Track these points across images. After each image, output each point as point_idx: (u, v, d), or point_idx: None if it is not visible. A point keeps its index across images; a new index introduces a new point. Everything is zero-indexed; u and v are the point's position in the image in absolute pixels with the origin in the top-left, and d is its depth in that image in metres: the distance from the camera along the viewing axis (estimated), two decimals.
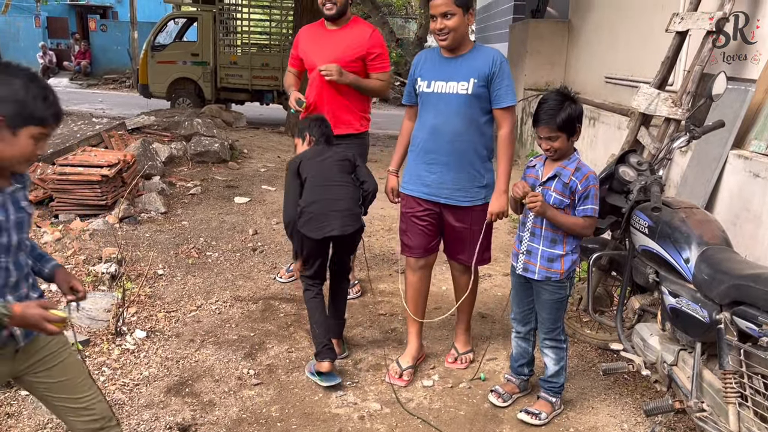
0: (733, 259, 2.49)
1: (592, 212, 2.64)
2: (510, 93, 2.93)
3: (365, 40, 3.73)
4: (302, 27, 4.06)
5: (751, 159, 3.44)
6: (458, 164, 3.01)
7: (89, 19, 22.84)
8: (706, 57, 4.14)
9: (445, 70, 2.99)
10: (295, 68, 4.00)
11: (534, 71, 9.60)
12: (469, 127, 2.98)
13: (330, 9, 3.67)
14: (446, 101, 2.98)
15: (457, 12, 2.85)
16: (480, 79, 2.91)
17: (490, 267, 4.87)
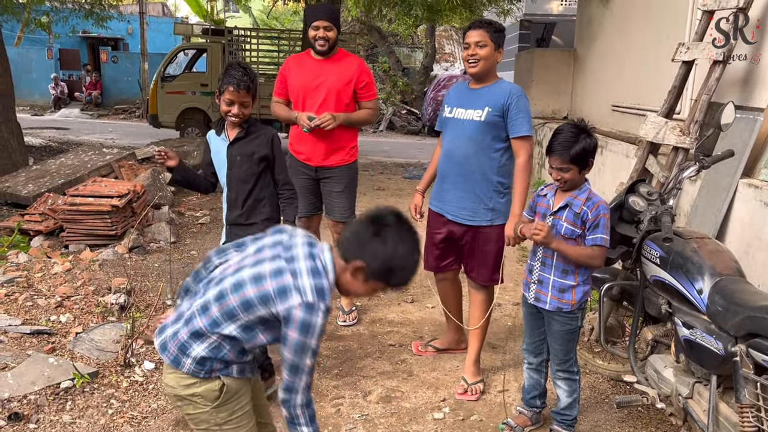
0: (748, 290, 2.47)
1: (602, 241, 2.63)
2: (525, 123, 3.12)
3: (354, 70, 3.88)
4: (289, 57, 4.16)
5: (761, 188, 3.43)
6: (465, 185, 3.23)
7: (101, 50, 23.23)
8: (713, 86, 4.16)
9: (467, 98, 3.25)
10: (282, 98, 4.02)
11: (540, 100, 9.67)
12: (477, 152, 3.18)
13: (323, 45, 3.79)
14: (461, 126, 3.23)
15: (489, 44, 3.14)
16: (495, 108, 3.12)
17: (500, 297, 4.85)
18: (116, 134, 15.57)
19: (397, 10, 8.95)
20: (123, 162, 7.30)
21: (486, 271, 3.35)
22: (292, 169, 4.00)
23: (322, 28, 3.75)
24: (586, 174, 2.69)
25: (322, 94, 3.83)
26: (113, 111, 21.32)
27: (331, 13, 3.83)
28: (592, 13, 8.48)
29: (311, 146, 3.91)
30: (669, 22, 5.88)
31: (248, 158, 2.98)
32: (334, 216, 4.06)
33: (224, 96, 2.88)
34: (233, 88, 2.85)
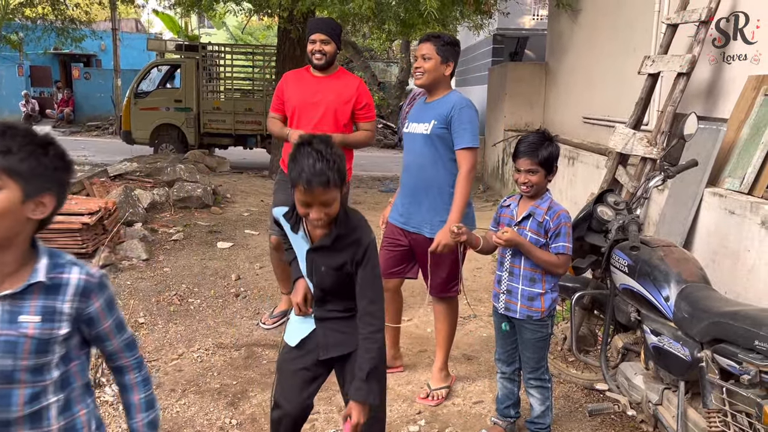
0: (712, 296, 2.52)
1: (564, 249, 2.66)
2: (466, 136, 3.11)
3: (354, 89, 3.83)
4: (287, 72, 4.09)
5: (726, 196, 3.51)
6: (420, 198, 3.28)
7: (73, 67, 22.99)
8: (678, 98, 4.25)
9: (420, 112, 3.31)
10: (279, 113, 3.98)
11: (513, 112, 9.79)
12: (429, 165, 3.23)
13: (320, 59, 3.74)
14: (413, 140, 3.30)
15: (434, 57, 3.17)
16: (439, 121, 3.17)
17: (475, 308, 4.87)
18: (89, 151, 15.37)
19: (370, 24, 9.01)
20: (94, 179, 7.21)
21: (442, 283, 3.37)
22: (280, 185, 4.02)
23: (319, 41, 3.70)
24: (550, 180, 2.73)
25: (319, 111, 3.77)
26: (86, 128, 21.07)
27: (330, 26, 3.78)
28: (562, 27, 8.62)
29: None
30: (636, 35, 6.01)
31: (335, 271, 2.17)
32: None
33: (296, 194, 2.04)
34: (304, 188, 1.98)
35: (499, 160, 10.22)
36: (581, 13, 7.84)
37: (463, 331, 4.43)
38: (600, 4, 7.20)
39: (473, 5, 9.00)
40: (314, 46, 3.72)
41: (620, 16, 6.52)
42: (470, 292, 5.22)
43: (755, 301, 3.16)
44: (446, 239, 3.10)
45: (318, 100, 3.77)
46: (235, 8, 8.91)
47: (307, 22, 3.95)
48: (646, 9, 5.69)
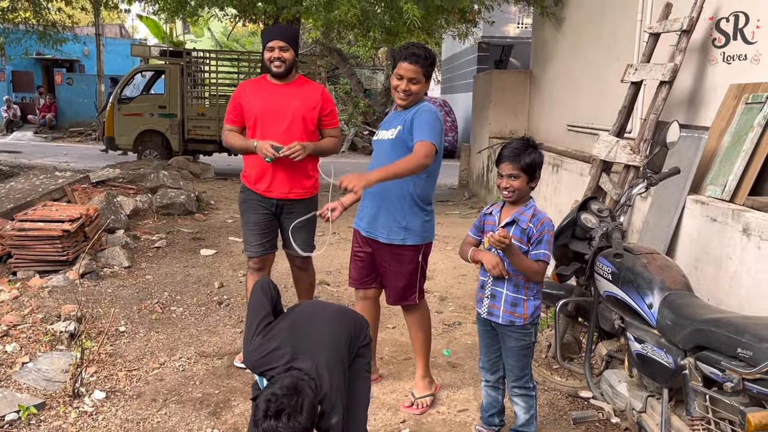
0: (695, 303, 2.52)
1: (545, 257, 2.66)
2: (424, 131, 2.99)
3: (318, 96, 3.73)
4: (243, 82, 3.95)
5: (708, 204, 3.53)
6: (380, 202, 3.24)
7: (55, 72, 22.77)
8: (661, 106, 4.28)
9: (389, 121, 3.33)
10: (237, 125, 3.76)
11: (498, 120, 9.83)
12: None
13: (279, 67, 3.60)
14: (380, 146, 3.30)
15: (421, 81, 3.15)
16: (404, 126, 3.17)
17: (460, 315, 4.86)
18: (71, 157, 15.23)
19: (355, 32, 9.01)
20: (76, 185, 7.13)
21: (398, 291, 3.33)
22: (248, 204, 3.80)
23: (278, 48, 3.57)
24: (532, 188, 2.73)
25: (286, 119, 3.61)
26: (68, 134, 20.86)
27: (287, 32, 3.68)
28: (546, 36, 8.68)
29: (273, 178, 3.66)
30: (619, 43, 6.06)
31: None
32: (294, 251, 3.66)
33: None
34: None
35: (484, 167, 10.24)
36: (565, 21, 7.90)
37: (447, 339, 4.42)
38: (584, 13, 7.26)
39: (458, 14, 9.05)
40: (272, 53, 3.58)
41: (603, 24, 6.58)
42: (455, 299, 5.22)
43: (737, 307, 3.18)
44: (353, 183, 2.76)
45: (282, 107, 3.62)
46: (219, 14, 8.87)
47: (262, 32, 3.78)
48: (628, 18, 5.75)
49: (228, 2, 7.92)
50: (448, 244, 6.99)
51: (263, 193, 3.72)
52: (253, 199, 3.77)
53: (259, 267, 3.89)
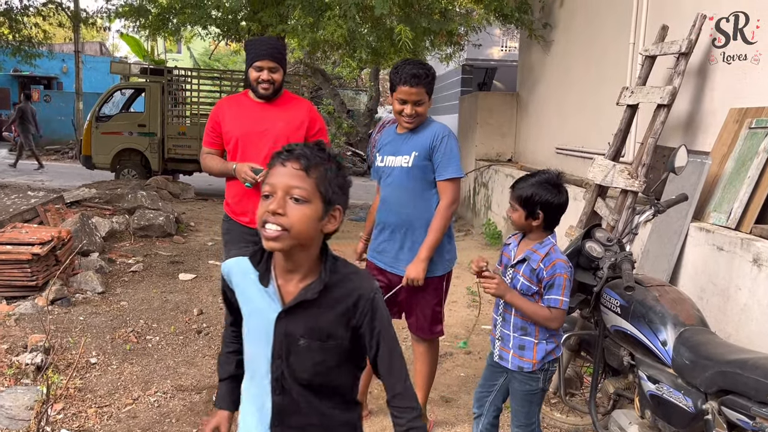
0: (714, 341, 2.35)
1: (557, 303, 2.42)
2: (451, 166, 2.96)
3: (305, 114, 3.42)
4: (221, 100, 3.62)
5: (713, 232, 3.39)
6: (402, 235, 3.06)
7: (32, 89, 22.35)
8: (659, 129, 4.16)
9: (396, 144, 3.10)
10: (216, 148, 3.43)
11: (484, 142, 9.72)
12: (411, 200, 3.03)
13: (267, 89, 3.27)
14: (392, 174, 3.09)
15: (426, 100, 2.98)
16: (421, 152, 2.99)
17: (451, 345, 4.66)
18: (47, 176, 14.84)
19: (341, 52, 8.89)
20: (49, 206, 6.84)
21: (427, 324, 3.18)
22: (231, 235, 3.52)
23: (267, 69, 3.22)
24: (534, 225, 2.51)
25: (269, 141, 3.25)
26: (45, 152, 20.38)
27: (277, 50, 3.31)
28: (534, 58, 8.62)
29: (255, 205, 3.42)
30: (610, 66, 5.98)
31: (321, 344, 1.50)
32: None
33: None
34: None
35: (470, 190, 10.12)
36: (553, 44, 7.84)
37: (440, 371, 4.20)
38: (573, 35, 7.20)
39: (445, 36, 8.98)
40: (261, 74, 3.23)
41: (593, 47, 6.51)
42: (447, 328, 4.99)
43: (747, 342, 3.03)
44: (417, 274, 2.95)
45: (265, 128, 3.29)
46: (202, 33, 8.70)
47: (246, 44, 3.42)
48: (620, 41, 5.67)
49: (211, 21, 7.75)
50: None
51: (246, 224, 3.42)
52: (236, 230, 3.48)
53: None
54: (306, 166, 1.44)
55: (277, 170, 1.46)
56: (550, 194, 2.48)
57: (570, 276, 2.48)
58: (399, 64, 2.98)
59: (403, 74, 2.90)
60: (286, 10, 7.42)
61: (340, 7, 7.14)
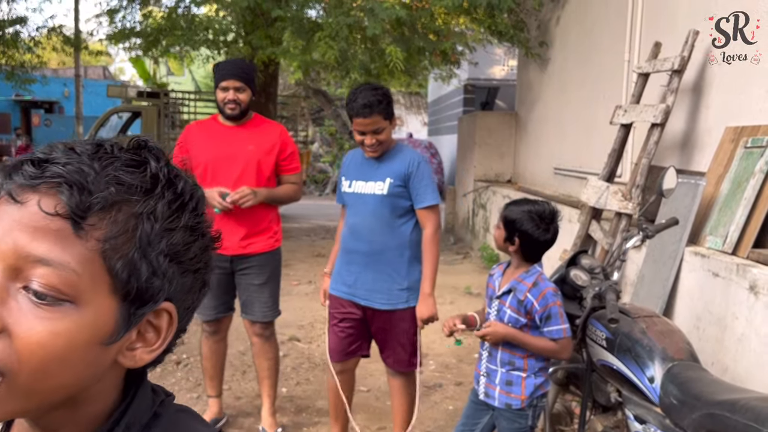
0: (704, 379, 2.17)
1: (561, 333, 2.31)
2: (430, 192, 2.87)
3: (276, 137, 3.33)
4: (190, 124, 3.57)
5: (708, 257, 3.21)
6: (376, 264, 2.90)
7: (33, 114, 22.48)
8: (653, 149, 4.00)
9: (366, 170, 2.95)
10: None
11: (483, 162, 9.58)
12: (385, 227, 2.89)
13: (233, 109, 3.19)
14: (364, 201, 2.93)
15: (385, 126, 2.84)
16: (396, 179, 2.86)
17: (441, 376, 4.47)
18: None
19: (334, 73, 8.81)
20: None
21: (406, 356, 3.01)
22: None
23: (233, 89, 3.16)
24: (510, 250, 2.39)
25: (238, 165, 3.19)
26: None
27: (243, 70, 3.25)
28: (531, 77, 8.51)
29: (226, 231, 3.15)
30: (606, 84, 5.84)
31: None
32: (254, 315, 3.36)
33: None
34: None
35: (469, 211, 9.95)
36: (550, 62, 7.72)
37: (428, 403, 4.01)
38: (569, 53, 7.08)
39: (440, 56, 8.88)
40: (226, 94, 3.17)
41: (589, 65, 6.38)
42: (435, 357, 4.82)
43: (744, 375, 2.83)
44: (430, 311, 2.84)
45: (234, 152, 3.20)
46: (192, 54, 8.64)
47: (214, 67, 3.39)
48: (615, 58, 5.54)
49: (200, 42, 7.68)
50: None
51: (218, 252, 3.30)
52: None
53: (213, 330, 3.49)
54: (76, 205, 0.59)
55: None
56: (535, 228, 2.35)
57: (561, 302, 2.38)
58: (350, 94, 2.86)
59: (355, 106, 2.78)
60: (276, 32, 7.34)
61: (331, 27, 7.05)
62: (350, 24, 7.11)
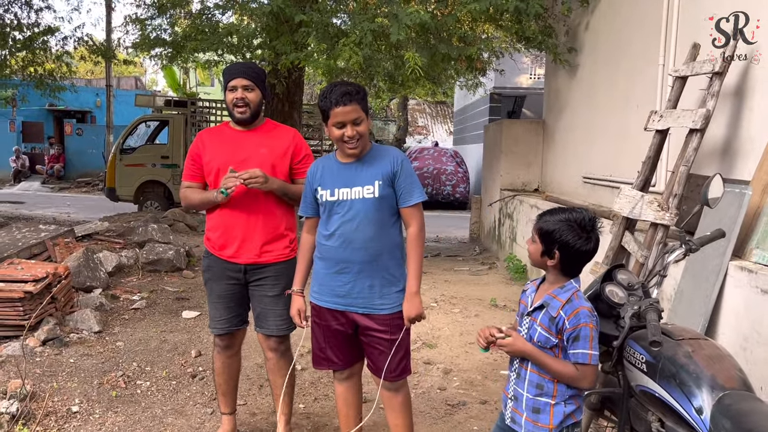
0: (760, 411, 1.94)
1: (585, 358, 2.09)
2: (416, 190, 2.78)
3: (290, 140, 3.19)
4: (202, 131, 3.41)
5: (756, 272, 2.97)
6: (372, 270, 2.78)
7: (65, 123, 22.87)
8: (692, 156, 3.77)
9: (346, 175, 2.79)
10: (196, 181, 3.19)
11: (509, 171, 9.35)
12: (380, 231, 2.77)
13: (243, 112, 3.06)
14: (353, 207, 2.75)
15: (364, 118, 2.71)
16: (384, 179, 2.75)
17: (465, 393, 4.26)
18: (74, 208, 14.95)
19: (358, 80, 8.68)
20: (59, 240, 6.68)
21: (398, 364, 2.83)
22: (212, 272, 3.22)
23: (240, 87, 3.03)
24: (549, 264, 2.20)
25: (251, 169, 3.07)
26: (75, 184, 20.76)
27: (251, 70, 3.12)
28: (560, 83, 8.28)
29: (240, 237, 3.10)
30: (638, 89, 5.61)
31: None
32: (268, 329, 3.19)
33: None
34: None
35: (495, 221, 9.72)
36: (579, 68, 7.49)
37: (451, 423, 3.81)
38: (599, 59, 6.85)
39: (465, 62, 8.70)
40: (235, 94, 3.04)
41: (620, 70, 6.14)
42: (460, 373, 4.62)
43: None
44: (418, 310, 2.73)
45: (247, 156, 3.08)
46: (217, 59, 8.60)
47: (223, 72, 3.29)
48: (648, 62, 5.30)
49: (224, 47, 7.62)
50: (455, 306, 6.40)
51: (229, 259, 3.14)
52: (217, 266, 3.20)
53: (226, 344, 3.34)
54: None
55: None
56: (576, 238, 2.15)
57: (596, 326, 2.15)
58: (325, 88, 2.75)
59: (333, 96, 2.66)
60: (300, 37, 7.24)
61: (356, 33, 6.93)
62: (375, 30, 6.97)
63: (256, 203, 3.10)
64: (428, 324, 5.61)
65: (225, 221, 3.13)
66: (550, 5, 7.90)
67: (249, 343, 3.61)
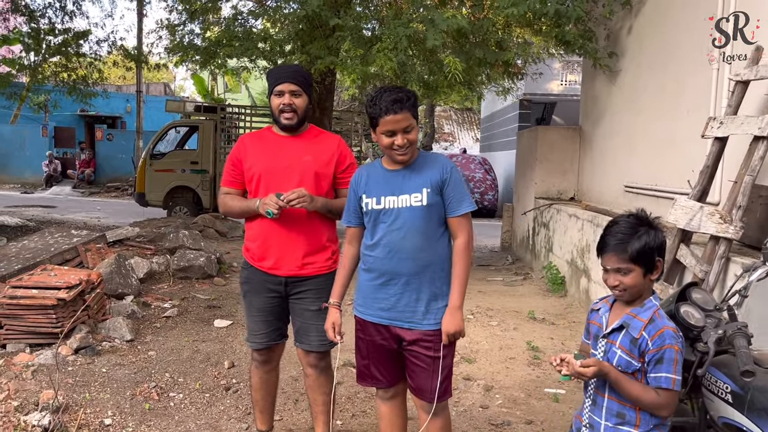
0: None
1: (668, 383, 1.91)
2: (466, 199, 2.65)
3: (335, 148, 3.05)
4: (243, 135, 3.30)
5: None
6: (420, 283, 2.64)
7: (96, 128, 23.16)
8: (758, 166, 3.54)
9: (394, 183, 2.66)
10: (236, 188, 3.08)
11: (544, 179, 9.13)
12: (428, 241, 2.64)
13: (290, 119, 2.94)
14: (400, 216, 2.62)
15: (415, 125, 2.60)
16: (432, 187, 2.62)
17: (509, 412, 4.06)
18: (104, 212, 15.03)
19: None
20: (90, 245, 6.64)
21: (446, 384, 2.68)
22: (251, 284, 3.10)
23: (288, 93, 2.90)
24: (653, 280, 2.03)
25: (294, 177, 2.94)
26: (105, 189, 20.97)
27: (299, 73, 3.00)
28: (598, 89, 8.05)
29: (281, 248, 2.97)
30: (689, 95, 5.37)
31: None
32: (309, 344, 3.06)
33: None
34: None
35: (529, 230, 9.49)
36: (620, 73, 7.26)
37: None
38: (644, 63, 6.61)
39: (501, 67, 8.52)
40: (282, 99, 2.91)
41: (668, 75, 5.91)
42: (502, 390, 4.42)
43: None
44: (458, 326, 2.57)
45: (290, 163, 2.95)
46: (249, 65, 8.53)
47: (268, 73, 3.16)
48: (700, 66, 5.06)
49: (258, 53, 7.54)
50: (493, 318, 6.20)
51: (269, 271, 3.01)
52: (256, 278, 3.06)
53: (264, 359, 3.19)
54: None
55: None
56: (657, 233, 2.05)
57: (681, 348, 1.98)
58: (374, 94, 2.60)
59: (383, 103, 2.52)
60: (335, 42, 7.12)
61: (390, 39, 6.79)
62: (409, 35, 6.83)
63: (297, 213, 2.96)
64: (466, 337, 5.41)
65: (265, 231, 3.00)
66: (590, 9, 7.68)
67: (283, 355, 3.45)
